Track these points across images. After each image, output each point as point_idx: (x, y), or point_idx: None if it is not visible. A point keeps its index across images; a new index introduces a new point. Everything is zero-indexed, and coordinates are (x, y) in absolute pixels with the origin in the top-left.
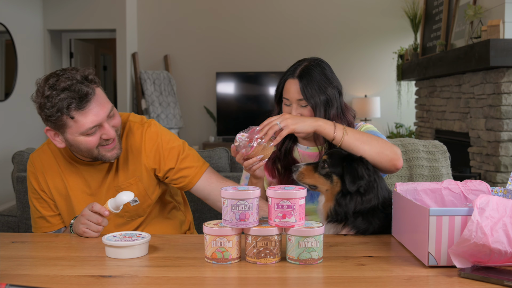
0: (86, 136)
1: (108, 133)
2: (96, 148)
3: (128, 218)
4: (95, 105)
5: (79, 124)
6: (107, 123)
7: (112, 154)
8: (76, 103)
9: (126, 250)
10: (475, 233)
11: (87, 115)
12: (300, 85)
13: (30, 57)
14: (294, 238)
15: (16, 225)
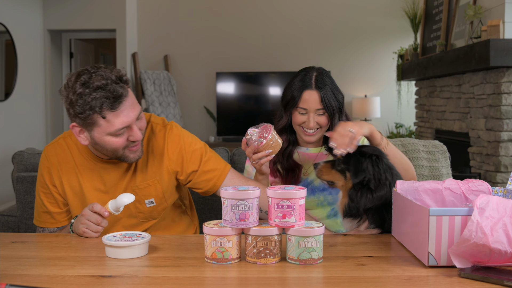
0: (114, 137)
1: (135, 135)
2: (122, 148)
3: (142, 220)
4: (127, 107)
5: (110, 124)
6: (135, 125)
7: (135, 156)
8: (110, 103)
9: (126, 250)
10: (475, 233)
11: (119, 116)
12: (320, 95)
13: (30, 57)
14: (294, 238)
15: (16, 225)
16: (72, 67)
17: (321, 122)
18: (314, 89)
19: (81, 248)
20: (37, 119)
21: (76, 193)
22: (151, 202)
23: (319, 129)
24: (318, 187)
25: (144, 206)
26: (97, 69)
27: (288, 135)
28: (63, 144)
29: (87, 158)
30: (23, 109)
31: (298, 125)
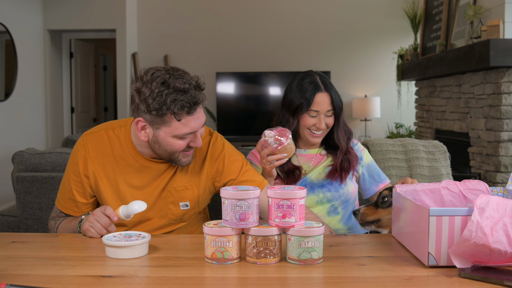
0: (178, 139)
1: (198, 142)
2: (179, 152)
3: (171, 221)
4: (200, 113)
5: (181, 127)
6: (199, 133)
7: (187, 160)
8: (188, 108)
9: (126, 250)
10: (475, 233)
11: (191, 121)
12: (331, 97)
13: (30, 57)
14: (294, 238)
15: (16, 225)
16: (72, 67)
17: (329, 123)
18: (325, 91)
19: (81, 248)
20: (37, 119)
21: (112, 185)
22: (185, 205)
23: (325, 130)
24: (317, 184)
25: (178, 208)
26: (176, 71)
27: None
28: (104, 136)
29: (129, 153)
30: (23, 109)
31: (307, 128)
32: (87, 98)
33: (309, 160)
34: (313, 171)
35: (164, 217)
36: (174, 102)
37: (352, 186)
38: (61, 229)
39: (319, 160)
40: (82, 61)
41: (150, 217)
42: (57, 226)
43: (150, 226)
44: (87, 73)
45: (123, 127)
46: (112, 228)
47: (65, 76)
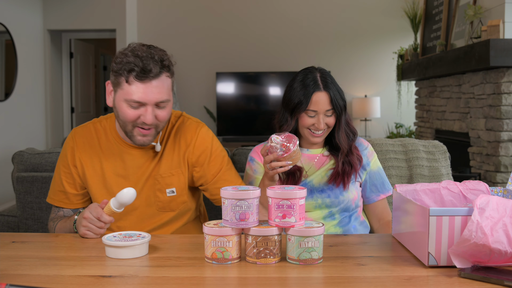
0: (128, 107)
1: (146, 118)
2: (131, 124)
3: (160, 209)
4: (151, 87)
5: (129, 91)
6: (151, 108)
7: (142, 139)
8: (137, 72)
9: (126, 250)
10: (475, 233)
11: (138, 89)
12: (330, 96)
13: (30, 57)
14: (294, 238)
15: (16, 225)
16: (72, 67)
17: (330, 123)
18: (323, 90)
19: (81, 248)
20: (37, 119)
21: (98, 175)
22: (172, 192)
23: (325, 130)
24: (317, 188)
25: (165, 195)
26: (152, 47)
27: None
28: (91, 128)
29: (114, 142)
30: (23, 109)
31: (306, 127)
32: (87, 98)
33: (311, 160)
34: (314, 174)
35: (151, 205)
36: (127, 64)
37: (354, 192)
38: (58, 229)
39: (322, 162)
40: (82, 61)
41: (136, 205)
42: (54, 227)
43: (138, 216)
44: (87, 73)
45: (109, 118)
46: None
47: (65, 76)
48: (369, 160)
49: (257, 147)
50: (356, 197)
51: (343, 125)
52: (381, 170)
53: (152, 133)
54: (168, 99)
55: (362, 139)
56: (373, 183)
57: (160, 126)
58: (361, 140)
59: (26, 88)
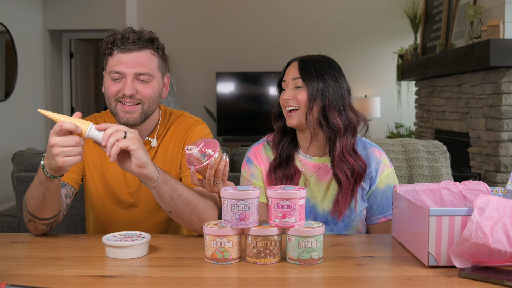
0: (111, 80)
1: (125, 88)
2: (114, 99)
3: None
4: (131, 58)
5: (111, 62)
6: (130, 79)
7: (125, 116)
8: (117, 42)
9: (126, 250)
10: (475, 233)
11: (119, 59)
12: (298, 65)
13: (30, 57)
14: (294, 238)
15: (16, 225)
16: (72, 67)
17: (298, 97)
18: (296, 60)
19: (81, 248)
20: (37, 119)
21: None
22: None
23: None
24: (320, 218)
25: None
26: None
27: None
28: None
29: None
30: (23, 109)
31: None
32: (87, 98)
33: (312, 169)
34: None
35: (149, 203)
36: (109, 37)
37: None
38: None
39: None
40: (82, 61)
41: (137, 203)
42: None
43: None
44: (87, 73)
45: (109, 112)
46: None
47: (65, 76)
48: (378, 173)
49: (255, 147)
50: (361, 229)
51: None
52: (390, 189)
53: (138, 110)
54: (151, 73)
55: (375, 148)
56: (376, 203)
57: (146, 103)
58: (374, 149)
59: (26, 88)
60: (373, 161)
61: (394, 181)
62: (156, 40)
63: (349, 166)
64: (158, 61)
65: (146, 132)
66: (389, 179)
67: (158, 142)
